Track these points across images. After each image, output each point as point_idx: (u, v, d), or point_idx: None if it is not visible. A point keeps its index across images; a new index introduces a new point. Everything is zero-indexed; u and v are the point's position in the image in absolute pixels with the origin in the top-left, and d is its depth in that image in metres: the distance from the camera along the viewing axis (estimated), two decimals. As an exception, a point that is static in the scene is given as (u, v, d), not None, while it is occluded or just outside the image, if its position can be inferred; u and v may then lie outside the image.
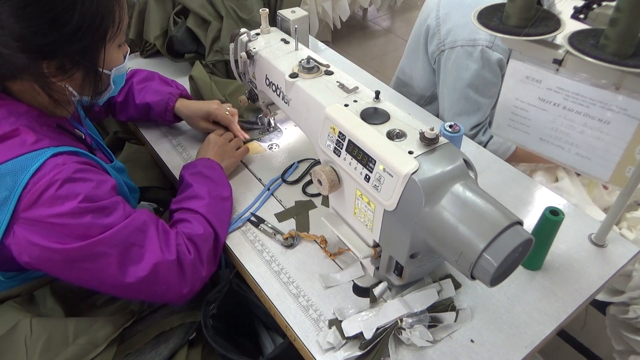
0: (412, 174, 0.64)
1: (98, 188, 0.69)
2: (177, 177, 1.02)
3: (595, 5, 0.80)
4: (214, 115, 1.07)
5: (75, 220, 0.66)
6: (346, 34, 3.40)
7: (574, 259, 0.85)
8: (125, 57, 0.77)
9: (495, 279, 0.62)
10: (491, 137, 1.27)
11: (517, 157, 1.26)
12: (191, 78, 1.16)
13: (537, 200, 0.97)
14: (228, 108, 1.07)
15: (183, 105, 1.09)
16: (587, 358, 1.39)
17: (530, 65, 0.79)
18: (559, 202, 0.96)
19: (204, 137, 1.13)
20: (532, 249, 0.82)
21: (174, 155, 1.09)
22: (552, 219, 0.75)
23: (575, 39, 0.71)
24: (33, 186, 0.64)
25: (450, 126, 0.93)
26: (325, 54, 1.46)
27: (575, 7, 0.85)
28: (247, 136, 1.08)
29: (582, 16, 0.81)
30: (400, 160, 0.65)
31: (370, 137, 0.70)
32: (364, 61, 3.10)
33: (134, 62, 1.37)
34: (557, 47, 0.75)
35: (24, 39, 0.62)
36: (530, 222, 0.89)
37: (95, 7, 0.65)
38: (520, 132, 0.87)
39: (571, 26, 0.84)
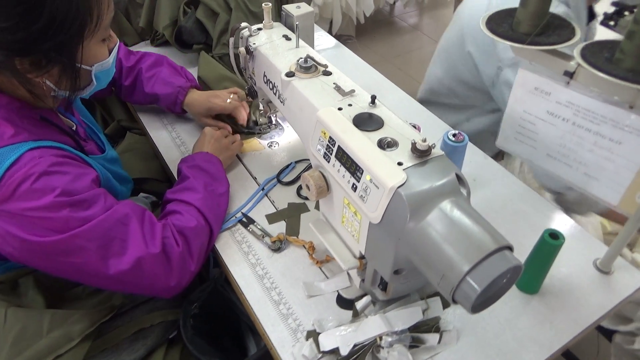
0: (399, 187, 0.60)
1: (76, 181, 0.68)
2: (174, 170, 1.02)
3: (627, 13, 0.74)
4: (213, 110, 1.06)
5: (52, 214, 0.65)
6: (371, 29, 3.33)
7: (575, 285, 0.80)
8: (111, 51, 0.75)
9: (478, 306, 0.58)
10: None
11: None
12: (199, 78, 1.15)
13: (542, 218, 0.91)
14: (228, 100, 1.05)
15: (191, 101, 1.08)
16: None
17: (540, 76, 0.74)
18: (565, 223, 0.90)
19: (203, 131, 1.12)
20: (529, 272, 0.78)
21: (172, 148, 1.07)
22: (550, 242, 0.70)
23: (589, 51, 0.66)
24: (9, 179, 0.63)
25: (454, 135, 0.88)
26: (340, 52, 1.41)
27: (605, 14, 0.80)
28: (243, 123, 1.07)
29: (612, 23, 0.75)
30: (387, 171, 0.62)
31: (360, 145, 0.66)
32: (387, 58, 3.04)
33: (143, 50, 1.36)
34: (569, 58, 0.70)
35: None
36: (531, 241, 0.85)
37: (67, 3, 0.62)
38: (527, 147, 0.82)
39: (600, 34, 0.78)
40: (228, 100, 1.06)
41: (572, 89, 0.71)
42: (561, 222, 0.90)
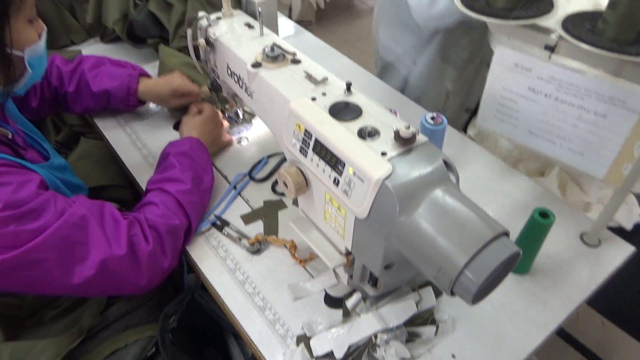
0: (385, 179, 0.56)
1: (19, 190, 0.61)
2: (136, 175, 0.94)
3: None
4: (180, 90, 1.00)
5: None
6: (331, 14, 3.27)
7: (564, 261, 0.79)
8: (40, 36, 0.69)
9: (478, 296, 0.55)
10: None
11: None
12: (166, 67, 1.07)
13: (526, 196, 0.90)
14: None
15: (147, 88, 1.01)
16: (575, 349, 1.36)
17: (520, 52, 0.71)
18: (549, 198, 0.89)
19: (167, 126, 1.04)
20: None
21: (132, 151, 1.00)
22: (541, 222, 0.68)
23: (570, 23, 0.63)
24: None
25: (432, 118, 0.85)
26: (303, 38, 1.36)
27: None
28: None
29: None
30: (371, 163, 0.58)
31: (339, 136, 0.62)
32: (349, 42, 2.99)
33: (94, 48, 1.26)
34: (549, 31, 0.68)
35: None
36: (519, 220, 0.83)
37: None
38: (508, 125, 0.80)
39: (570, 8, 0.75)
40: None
41: (554, 64, 0.68)
42: (546, 197, 0.89)
